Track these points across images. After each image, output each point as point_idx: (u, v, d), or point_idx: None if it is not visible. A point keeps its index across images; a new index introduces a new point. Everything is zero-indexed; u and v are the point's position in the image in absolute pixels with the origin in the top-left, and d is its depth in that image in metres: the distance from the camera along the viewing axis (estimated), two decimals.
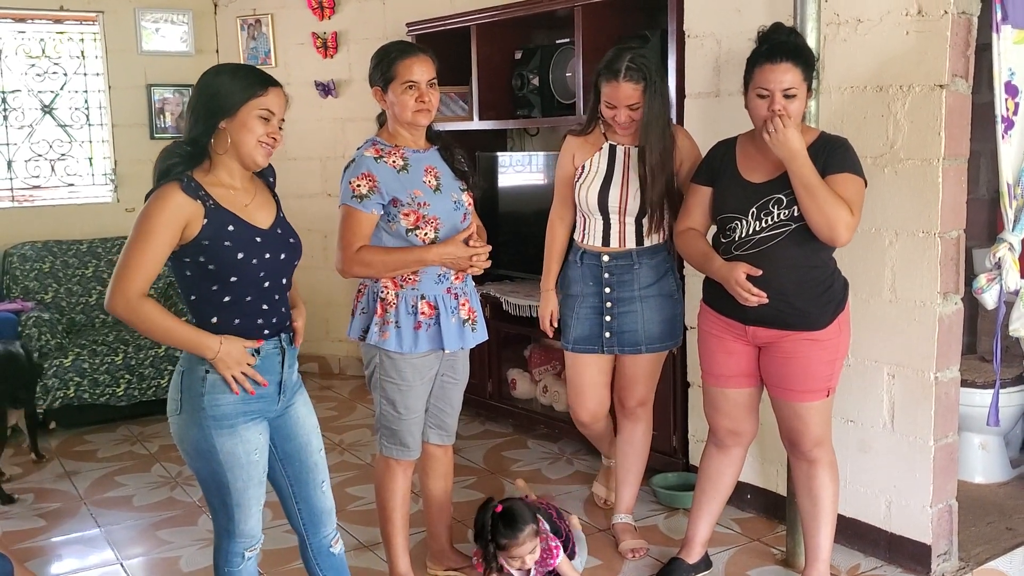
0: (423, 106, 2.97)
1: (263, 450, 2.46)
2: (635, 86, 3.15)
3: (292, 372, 2.52)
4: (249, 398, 2.39)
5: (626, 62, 3.14)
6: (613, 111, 3.20)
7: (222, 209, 2.32)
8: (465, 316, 3.10)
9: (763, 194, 2.88)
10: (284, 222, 2.50)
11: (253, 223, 2.38)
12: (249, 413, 2.40)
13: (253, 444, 2.42)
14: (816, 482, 3.07)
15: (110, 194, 6.18)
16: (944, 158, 3.08)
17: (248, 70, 2.38)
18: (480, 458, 4.66)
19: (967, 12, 3.05)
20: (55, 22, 5.95)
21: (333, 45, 6.03)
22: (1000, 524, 3.64)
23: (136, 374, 5.32)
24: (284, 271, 2.46)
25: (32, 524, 4.01)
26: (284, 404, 2.51)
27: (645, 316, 3.33)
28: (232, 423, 2.38)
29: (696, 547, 3.31)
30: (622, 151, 3.30)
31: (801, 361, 2.93)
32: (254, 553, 2.56)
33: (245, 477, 2.42)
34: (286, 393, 2.50)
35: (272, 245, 2.40)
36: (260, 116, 2.34)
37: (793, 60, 2.81)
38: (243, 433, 2.40)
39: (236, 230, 2.33)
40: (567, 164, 3.38)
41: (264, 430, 2.46)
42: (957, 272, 3.20)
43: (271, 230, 2.42)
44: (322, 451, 2.62)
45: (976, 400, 3.75)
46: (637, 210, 3.27)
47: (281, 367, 2.46)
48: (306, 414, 2.58)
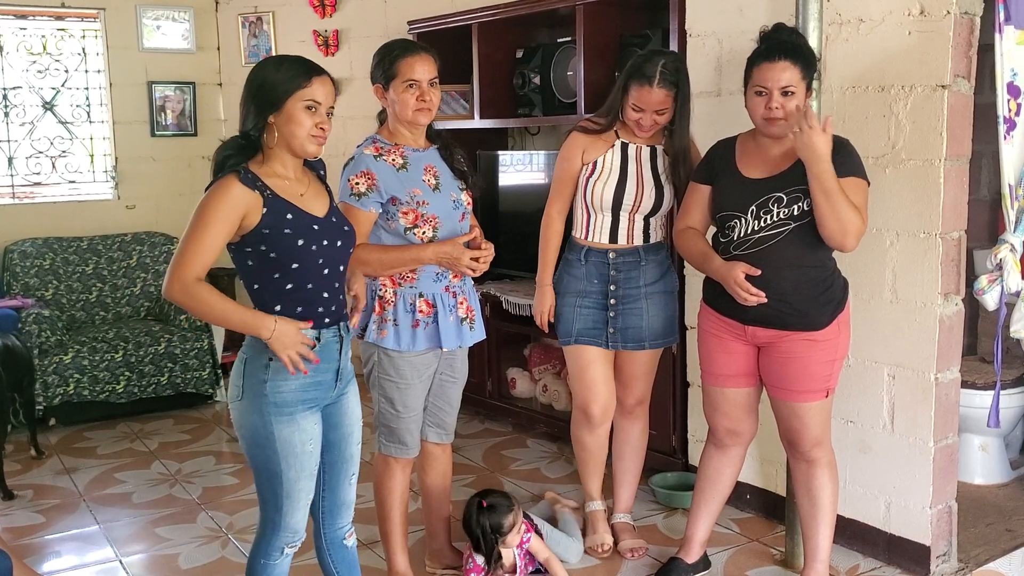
0: (424, 105, 2.97)
1: (317, 441, 2.49)
2: (667, 93, 3.14)
3: (347, 360, 2.54)
4: (308, 386, 2.42)
5: (659, 67, 3.12)
6: (640, 114, 3.18)
7: (280, 199, 2.36)
8: (463, 315, 3.10)
9: (763, 191, 2.88)
10: (337, 211, 2.53)
11: (310, 211, 2.41)
12: (307, 401, 2.44)
13: (309, 434, 2.45)
14: (815, 482, 3.06)
15: (111, 191, 6.18)
16: (946, 159, 3.08)
17: (293, 61, 2.40)
18: (479, 457, 4.66)
19: (970, 12, 3.05)
20: (56, 19, 5.95)
21: (334, 43, 6.03)
22: (999, 525, 3.63)
23: (136, 371, 5.32)
24: (341, 258, 2.49)
25: (31, 520, 4.01)
26: (338, 392, 2.54)
27: (649, 312, 3.33)
28: (291, 411, 2.41)
29: (695, 547, 3.30)
30: (634, 149, 3.28)
31: (800, 361, 2.93)
32: (292, 550, 2.58)
33: (298, 467, 2.45)
34: (341, 381, 2.53)
35: (329, 232, 2.43)
36: (306, 107, 2.36)
37: (791, 59, 2.81)
38: (300, 422, 2.43)
39: (294, 218, 2.37)
40: (575, 159, 3.32)
41: (319, 420, 2.49)
42: (958, 273, 3.19)
43: (327, 218, 2.45)
44: (359, 444, 2.64)
45: (976, 401, 3.74)
46: (650, 209, 3.27)
47: (339, 355, 2.50)
48: (355, 404, 2.61)
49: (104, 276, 5.84)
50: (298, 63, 2.39)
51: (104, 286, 5.83)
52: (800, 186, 2.82)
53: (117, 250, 5.91)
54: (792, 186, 2.84)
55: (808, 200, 2.81)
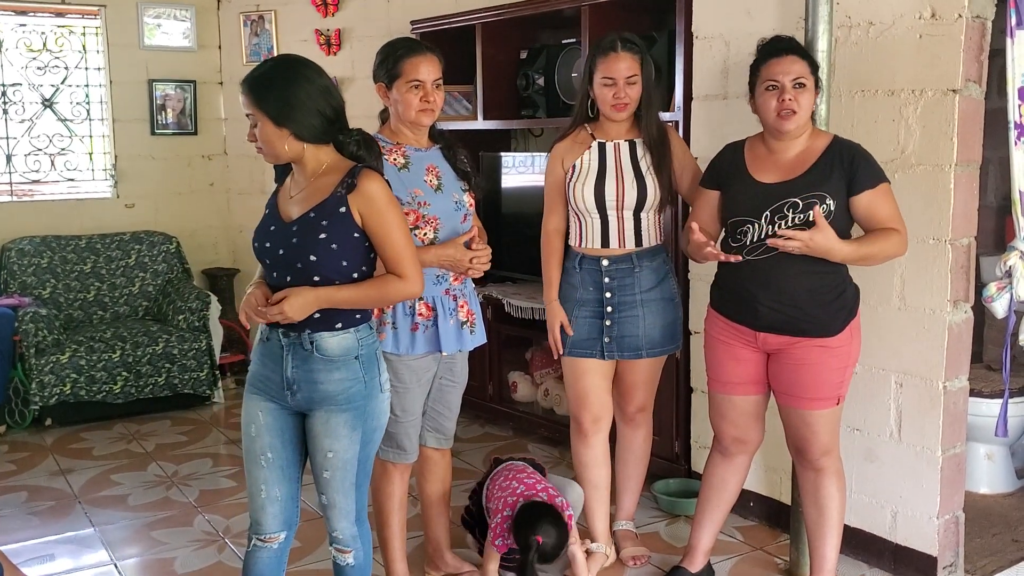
0: (428, 106, 2.94)
1: (261, 430, 2.51)
2: (633, 58, 3.14)
3: (303, 373, 2.45)
4: (258, 369, 2.52)
5: (619, 37, 3.16)
6: (612, 88, 3.15)
7: (274, 195, 2.56)
8: (463, 318, 3.06)
9: (777, 196, 2.84)
10: (311, 223, 2.40)
11: (282, 214, 2.48)
12: (257, 386, 2.53)
13: (251, 416, 2.52)
14: (823, 491, 3.02)
15: (110, 189, 6.14)
16: (956, 164, 3.04)
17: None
18: (480, 461, 4.62)
19: (981, 16, 3.01)
20: (56, 15, 5.91)
21: (336, 42, 5.99)
22: (1006, 536, 3.60)
23: (133, 372, 5.28)
24: (285, 268, 2.43)
25: (25, 522, 3.97)
26: (299, 405, 2.50)
27: (646, 320, 3.28)
28: (248, 386, 2.55)
29: (699, 556, 3.26)
30: (612, 146, 3.25)
31: (812, 368, 2.89)
32: (263, 544, 2.58)
33: (246, 449, 2.54)
34: (294, 392, 2.47)
35: (279, 239, 2.44)
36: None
37: (797, 54, 2.84)
38: (247, 402, 2.53)
39: (264, 217, 2.52)
40: (557, 170, 3.32)
41: (269, 411, 2.51)
42: (967, 280, 3.16)
43: (290, 224, 2.44)
44: (326, 472, 2.51)
45: (983, 410, 3.71)
46: (635, 202, 3.22)
47: (282, 362, 2.47)
48: (320, 434, 2.49)
49: (102, 275, 5.80)
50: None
51: (102, 285, 5.79)
52: (816, 192, 2.79)
53: (116, 249, 5.87)
54: (808, 191, 2.80)
55: (824, 206, 2.77)
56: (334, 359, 2.45)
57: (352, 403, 2.47)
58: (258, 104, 2.39)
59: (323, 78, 2.44)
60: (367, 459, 2.57)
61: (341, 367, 2.45)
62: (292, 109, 2.38)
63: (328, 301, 2.40)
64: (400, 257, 2.45)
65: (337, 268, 2.41)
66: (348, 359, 2.46)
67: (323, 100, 2.41)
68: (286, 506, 2.58)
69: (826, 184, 2.79)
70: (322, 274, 2.40)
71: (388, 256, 2.46)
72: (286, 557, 2.67)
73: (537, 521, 3.08)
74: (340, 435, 2.48)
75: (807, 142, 2.90)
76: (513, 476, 3.32)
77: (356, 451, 2.51)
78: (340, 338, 2.45)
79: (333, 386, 2.45)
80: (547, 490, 3.23)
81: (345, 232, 2.40)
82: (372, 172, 2.45)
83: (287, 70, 2.41)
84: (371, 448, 2.57)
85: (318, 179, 2.45)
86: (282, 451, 2.54)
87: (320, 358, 2.44)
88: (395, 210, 2.45)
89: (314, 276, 2.40)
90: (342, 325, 2.45)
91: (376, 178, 2.44)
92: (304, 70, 2.42)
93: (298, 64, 2.44)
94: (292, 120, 2.38)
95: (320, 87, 2.42)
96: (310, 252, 2.39)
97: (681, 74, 3.87)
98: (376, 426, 2.55)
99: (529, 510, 3.11)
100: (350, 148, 2.50)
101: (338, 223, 2.40)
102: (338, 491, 2.53)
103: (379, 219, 2.41)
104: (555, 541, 3.06)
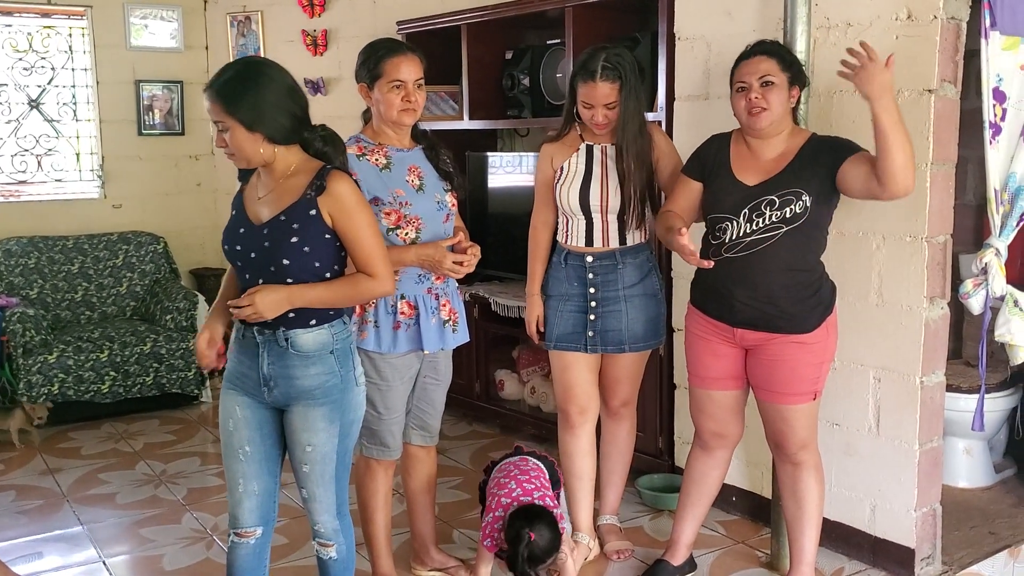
0: (409, 106, 2.96)
1: (239, 425, 2.54)
2: (612, 85, 3.14)
3: (279, 369, 2.48)
4: (235, 367, 2.55)
5: (601, 62, 3.14)
6: (591, 111, 3.19)
7: (240, 195, 2.55)
8: (446, 317, 3.09)
9: (756, 196, 2.89)
10: (282, 226, 2.41)
11: (251, 216, 2.47)
12: (233, 381, 2.56)
13: (228, 412, 2.56)
14: (801, 485, 3.07)
15: (97, 190, 6.15)
16: (932, 163, 3.09)
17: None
18: (467, 459, 4.65)
19: (956, 17, 3.06)
20: (42, 16, 5.92)
21: (323, 43, 6.02)
22: (983, 528, 3.65)
23: (121, 371, 5.29)
24: (257, 271, 2.44)
25: (13, 521, 3.98)
26: (276, 401, 2.52)
27: (629, 315, 3.32)
28: (225, 382, 2.58)
29: (681, 549, 3.31)
30: (599, 150, 3.29)
31: (788, 364, 2.93)
32: (241, 540, 2.62)
33: (224, 444, 2.58)
34: (270, 388, 2.50)
35: (250, 241, 2.45)
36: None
37: (765, 53, 2.89)
38: (224, 397, 2.58)
39: (232, 219, 2.52)
40: (546, 168, 3.37)
41: (246, 406, 2.54)
42: (944, 277, 3.20)
43: (260, 227, 2.44)
44: (305, 467, 2.55)
45: (961, 405, 3.75)
46: (618, 207, 3.26)
47: (258, 359, 2.49)
48: (298, 428, 2.52)
49: (90, 275, 5.81)
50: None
51: (90, 285, 5.80)
52: (792, 189, 2.83)
53: (103, 249, 5.88)
54: (784, 189, 2.85)
55: (800, 203, 2.82)
56: (309, 355, 2.47)
57: (329, 397, 2.50)
58: (229, 110, 2.37)
59: (288, 77, 2.44)
60: (345, 452, 2.60)
61: (317, 362, 2.48)
62: (263, 112, 2.37)
63: (300, 300, 2.41)
64: (371, 257, 2.47)
65: (310, 269, 2.42)
66: (323, 354, 2.48)
67: (291, 100, 2.42)
68: (263, 501, 2.61)
69: (801, 180, 2.84)
70: (295, 276, 2.41)
71: (359, 256, 2.47)
72: (266, 552, 2.69)
73: (533, 519, 3.02)
74: (318, 429, 2.51)
75: (787, 141, 2.95)
76: (513, 476, 3.23)
77: (335, 444, 2.54)
78: (315, 334, 2.47)
79: (309, 381, 2.48)
80: (544, 499, 3.15)
81: (316, 234, 2.41)
82: (340, 173, 2.46)
83: (254, 73, 2.39)
84: (349, 441, 2.60)
85: (287, 180, 2.45)
86: (260, 445, 2.57)
87: (295, 354, 2.46)
88: (365, 210, 2.46)
89: (287, 278, 2.41)
90: (316, 322, 2.47)
91: (345, 179, 2.45)
92: (270, 71, 2.41)
93: (263, 65, 2.44)
94: (264, 123, 2.37)
95: (287, 87, 2.42)
96: (282, 256, 2.40)
97: (664, 75, 3.91)
98: (353, 419, 2.59)
99: (526, 509, 3.06)
100: (316, 145, 2.50)
101: (309, 226, 2.40)
102: (318, 484, 2.57)
103: (349, 220, 2.42)
104: (546, 544, 3.01)
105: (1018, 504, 3.87)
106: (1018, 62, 3.06)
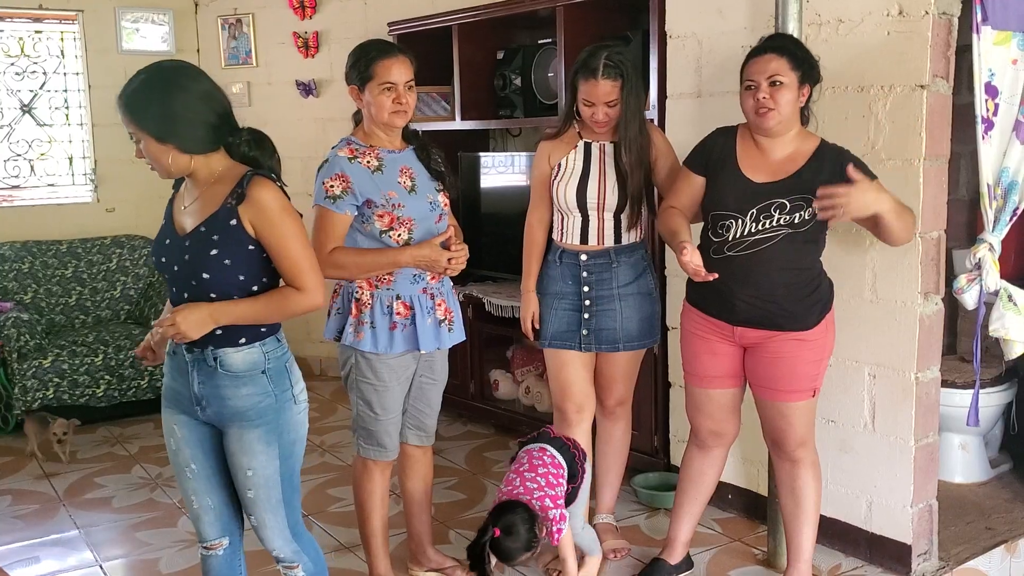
0: (400, 108, 2.96)
1: (180, 444, 2.47)
2: (613, 83, 3.15)
3: (210, 389, 2.36)
4: (170, 384, 2.46)
5: (603, 60, 3.14)
6: (592, 109, 3.19)
7: (170, 204, 2.47)
8: (441, 316, 3.09)
9: (765, 196, 2.87)
10: (202, 237, 2.29)
11: (176, 226, 2.39)
12: (169, 398, 2.48)
13: (168, 430, 2.49)
14: (799, 482, 3.07)
15: (90, 194, 6.14)
16: (925, 158, 3.09)
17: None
18: (462, 459, 4.65)
19: (948, 13, 3.06)
20: (34, 20, 5.90)
21: (314, 45, 6.01)
22: (979, 524, 3.65)
23: (116, 375, 5.28)
24: (182, 285, 2.33)
25: (9, 525, 3.97)
26: (211, 419, 2.41)
27: (623, 314, 3.33)
28: (164, 400, 2.50)
29: (678, 548, 3.31)
30: (597, 148, 3.29)
31: (788, 361, 2.93)
32: (210, 552, 2.58)
33: (171, 462, 2.52)
34: (203, 407, 2.39)
35: (173, 253, 2.36)
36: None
37: (777, 51, 2.84)
38: (164, 414, 2.50)
39: (163, 226, 2.45)
40: (543, 165, 3.37)
41: (184, 424, 2.45)
42: (938, 272, 3.21)
43: (183, 238, 2.34)
44: (250, 492, 2.42)
45: (956, 400, 3.76)
46: (615, 205, 3.26)
47: (190, 377, 2.38)
48: (236, 452, 2.40)
49: (84, 280, 5.80)
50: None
51: (84, 289, 5.79)
52: (803, 195, 2.81)
53: (96, 253, 5.87)
54: (796, 193, 2.83)
55: (809, 210, 2.80)
56: (239, 375, 2.34)
57: (263, 418, 2.37)
58: (137, 122, 2.25)
59: (201, 82, 2.29)
60: (291, 473, 2.47)
61: (248, 382, 2.35)
62: (173, 123, 2.24)
63: (224, 317, 2.27)
64: (297, 269, 2.31)
65: (234, 283, 2.30)
66: (255, 374, 2.35)
67: (205, 107, 2.27)
68: (221, 513, 2.53)
69: (815, 187, 2.76)
70: (218, 290, 2.29)
71: (284, 268, 2.32)
72: (239, 560, 2.64)
73: (503, 515, 2.91)
74: (256, 451, 2.38)
75: (796, 143, 2.92)
76: (521, 472, 3.06)
77: (276, 467, 2.41)
78: (245, 353, 2.34)
79: (241, 401, 2.35)
80: (544, 499, 2.99)
81: (237, 246, 2.27)
82: (263, 179, 2.29)
83: (162, 82, 2.25)
84: (293, 462, 2.47)
85: (211, 188, 2.33)
86: (205, 462, 2.47)
87: (225, 374, 2.34)
88: (290, 218, 2.30)
89: (210, 293, 2.29)
90: (246, 340, 2.34)
91: (267, 185, 2.28)
92: (180, 79, 2.26)
93: (173, 73, 2.28)
94: (174, 135, 2.24)
95: (199, 93, 2.27)
96: (202, 270, 2.28)
97: (655, 73, 3.91)
98: (294, 439, 2.45)
99: (505, 505, 2.95)
100: (241, 150, 2.36)
101: (229, 237, 2.27)
102: (266, 510, 2.45)
103: (272, 229, 2.27)
104: (515, 545, 2.88)
105: (1014, 499, 3.87)
106: (1010, 57, 3.07)
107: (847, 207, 2.65)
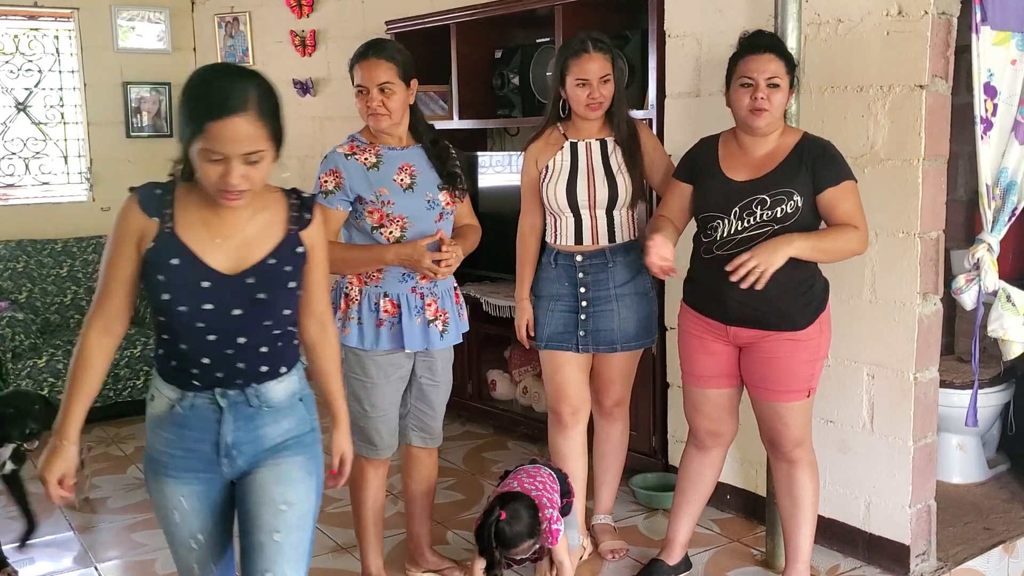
0: (373, 110, 2.95)
1: (187, 517, 2.13)
2: (604, 56, 3.17)
3: (246, 434, 2.09)
4: (175, 449, 2.09)
5: (589, 37, 3.19)
6: (586, 88, 3.18)
7: (174, 238, 1.97)
8: (431, 317, 3.06)
9: (747, 193, 2.88)
10: (275, 271, 2.02)
11: (210, 263, 1.98)
12: (175, 467, 2.09)
13: (171, 503, 2.11)
14: (796, 483, 3.06)
15: (85, 193, 6.12)
16: (924, 159, 3.09)
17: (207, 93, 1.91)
18: (460, 459, 4.64)
19: (947, 13, 3.06)
20: (29, 18, 5.88)
21: (311, 43, 5.99)
22: (978, 524, 3.65)
23: (111, 375, 5.25)
24: (239, 329, 2.02)
25: (4, 527, 3.94)
26: (238, 469, 2.12)
27: (620, 315, 3.32)
28: (156, 469, 2.11)
29: (676, 548, 3.30)
30: (583, 146, 3.29)
31: (782, 361, 2.93)
32: None
33: (169, 535, 2.18)
34: (233, 458, 2.10)
35: (224, 295, 1.99)
36: (207, 159, 1.87)
37: (775, 52, 2.86)
38: (163, 486, 2.11)
39: (180, 266, 1.96)
40: (531, 170, 3.36)
41: (194, 495, 2.11)
42: (936, 273, 3.20)
43: (235, 278, 1.99)
44: (277, 534, 2.07)
45: (954, 400, 3.75)
46: (607, 201, 3.25)
47: (218, 426, 2.07)
48: (270, 482, 2.09)
49: (79, 279, 5.78)
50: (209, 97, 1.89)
51: (79, 289, 5.77)
52: (784, 188, 2.83)
53: (92, 252, 5.85)
54: (776, 188, 2.84)
55: (791, 203, 2.82)
56: (281, 408, 2.12)
57: (302, 445, 2.16)
58: (273, 133, 1.94)
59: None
60: (314, 523, 2.19)
61: (288, 414, 2.14)
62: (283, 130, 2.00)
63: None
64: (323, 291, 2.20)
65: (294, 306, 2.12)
66: (294, 402, 2.16)
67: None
68: (224, 572, 2.26)
69: (793, 181, 2.84)
70: (282, 326, 2.09)
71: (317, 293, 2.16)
72: None
73: (510, 500, 2.98)
74: (295, 480, 2.11)
75: (778, 140, 2.94)
76: (519, 479, 3.16)
77: (312, 503, 2.15)
78: (286, 383, 2.13)
79: (282, 437, 2.13)
80: (541, 497, 3.08)
81: (302, 274, 2.10)
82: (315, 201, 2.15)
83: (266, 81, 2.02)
84: (318, 510, 2.20)
85: (256, 213, 2.03)
86: (214, 530, 2.17)
87: (268, 411, 2.10)
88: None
89: (274, 331, 2.07)
90: (287, 369, 2.14)
91: (318, 206, 2.15)
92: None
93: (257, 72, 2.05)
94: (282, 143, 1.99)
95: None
96: (283, 307, 2.06)
97: (654, 72, 3.90)
98: (321, 479, 2.23)
99: (508, 493, 3.04)
100: None
101: (298, 266, 2.08)
102: (290, 560, 2.08)
103: (322, 254, 2.14)
104: (518, 528, 2.95)
105: (1012, 499, 3.87)
106: (1009, 57, 3.07)
107: (762, 266, 2.74)
